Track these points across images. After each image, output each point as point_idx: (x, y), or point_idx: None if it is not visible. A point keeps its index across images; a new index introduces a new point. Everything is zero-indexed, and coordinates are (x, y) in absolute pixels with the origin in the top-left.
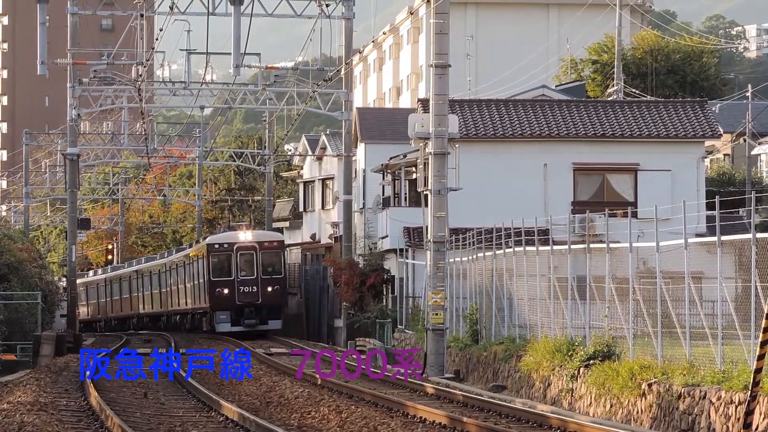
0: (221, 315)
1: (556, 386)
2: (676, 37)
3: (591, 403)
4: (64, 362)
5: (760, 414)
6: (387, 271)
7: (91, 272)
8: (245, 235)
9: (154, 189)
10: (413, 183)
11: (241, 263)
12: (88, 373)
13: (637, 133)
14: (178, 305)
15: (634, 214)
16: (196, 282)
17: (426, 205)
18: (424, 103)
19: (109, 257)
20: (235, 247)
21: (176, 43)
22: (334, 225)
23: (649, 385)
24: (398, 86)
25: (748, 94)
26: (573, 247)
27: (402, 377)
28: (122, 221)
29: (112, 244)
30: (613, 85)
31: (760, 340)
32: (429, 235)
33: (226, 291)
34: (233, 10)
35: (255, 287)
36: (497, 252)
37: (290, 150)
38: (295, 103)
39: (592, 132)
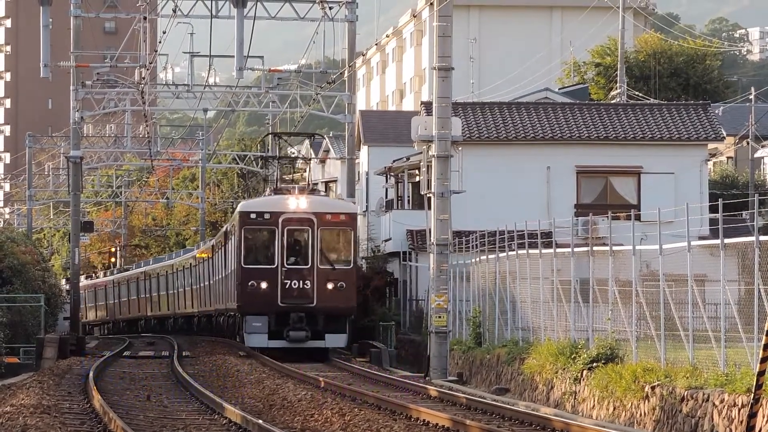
0: (254, 322)
1: (559, 389)
2: (679, 40)
3: (594, 406)
4: (67, 365)
5: (763, 417)
6: (390, 274)
7: (102, 273)
8: (297, 202)
9: (157, 192)
10: (416, 186)
11: (288, 244)
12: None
13: (640, 135)
14: (204, 305)
15: (637, 217)
16: (220, 276)
17: (429, 208)
18: (427, 105)
19: (112, 260)
20: (280, 219)
21: (179, 45)
22: None
23: (652, 388)
24: (401, 89)
25: (751, 96)
26: (576, 249)
27: (405, 380)
28: (125, 224)
29: (115, 247)
30: (616, 88)
31: (763, 342)
32: (432, 238)
33: (263, 285)
34: (236, 12)
35: (308, 282)
36: (500, 255)
37: (293, 153)
38: (298, 106)
39: (595, 135)
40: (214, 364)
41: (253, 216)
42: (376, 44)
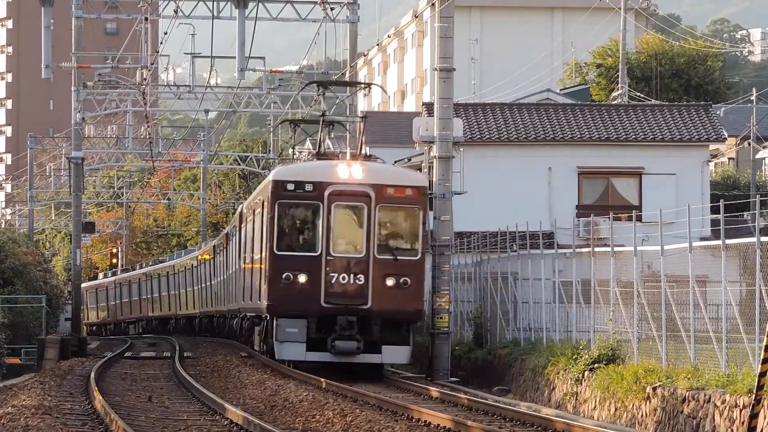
0: (289, 327)
1: (561, 390)
2: (681, 41)
3: (595, 406)
4: (68, 366)
5: (765, 417)
6: None
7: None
8: (349, 170)
9: (159, 193)
10: None
11: (336, 225)
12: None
13: (642, 136)
14: (206, 306)
15: (639, 218)
16: (234, 268)
17: (431, 209)
18: (429, 106)
19: (114, 261)
20: (327, 193)
21: (181, 46)
22: None
23: (654, 389)
24: (403, 90)
25: (753, 97)
26: (577, 250)
27: (407, 381)
28: (127, 225)
29: (117, 248)
30: (617, 89)
31: (764, 343)
32: (434, 239)
33: (302, 279)
34: (238, 13)
35: (362, 276)
36: (502, 255)
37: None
38: (299, 107)
39: (597, 136)
40: (216, 365)
41: (290, 187)
42: (378, 45)
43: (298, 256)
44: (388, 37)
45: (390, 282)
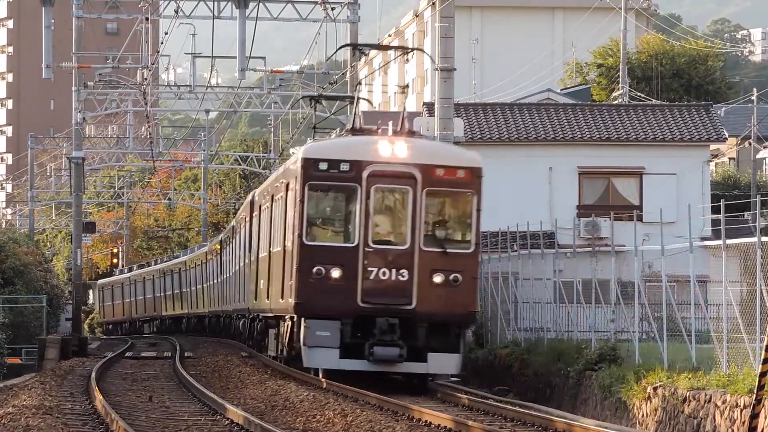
0: (320, 331)
1: (561, 390)
2: (681, 41)
3: (596, 406)
4: (69, 366)
5: (765, 418)
6: None
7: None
8: (391, 148)
9: (160, 192)
10: None
11: (376, 211)
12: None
13: (642, 136)
14: (213, 305)
15: (640, 218)
16: (250, 261)
17: None
18: (430, 106)
19: (114, 261)
20: (365, 174)
21: (181, 46)
22: None
23: (655, 389)
24: (404, 90)
25: (753, 97)
26: (578, 250)
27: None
28: (127, 225)
29: (117, 248)
30: (618, 89)
31: (765, 343)
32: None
33: (335, 274)
34: (238, 13)
35: (405, 271)
36: (503, 255)
37: (295, 153)
38: (300, 107)
39: (597, 136)
40: (216, 364)
41: (322, 166)
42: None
43: (332, 247)
44: (389, 36)
45: (438, 278)
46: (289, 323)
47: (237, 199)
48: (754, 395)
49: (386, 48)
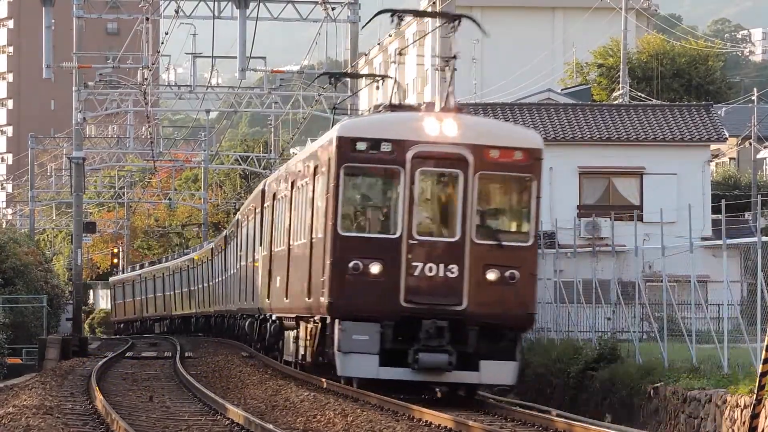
0: (357, 334)
1: (562, 389)
2: (682, 41)
3: (597, 406)
4: (69, 366)
5: (766, 417)
6: None
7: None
8: (439, 125)
9: (160, 192)
10: None
11: (422, 199)
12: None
13: (643, 136)
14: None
15: (640, 218)
16: (261, 257)
17: None
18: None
19: (115, 261)
20: (410, 155)
21: (182, 46)
22: None
23: (655, 389)
24: (404, 90)
25: (754, 97)
26: (579, 250)
27: None
28: (128, 225)
29: (118, 248)
30: (618, 89)
31: (765, 343)
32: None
33: (374, 270)
34: (239, 13)
35: (455, 267)
36: None
37: (296, 153)
38: (300, 107)
39: (598, 136)
40: (217, 365)
41: (361, 146)
42: (379, 45)
43: (371, 238)
44: (389, 36)
45: (492, 275)
46: (318, 325)
47: (237, 199)
48: (754, 395)
49: (426, 14)
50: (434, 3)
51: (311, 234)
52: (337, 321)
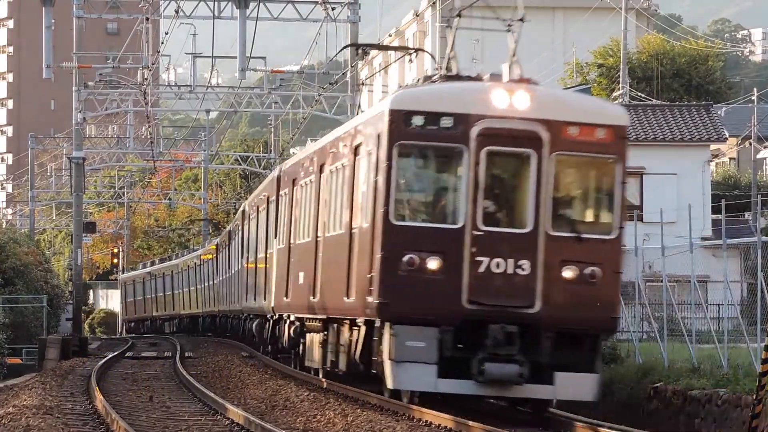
0: (412, 340)
1: None
2: (682, 41)
3: (596, 406)
4: (69, 366)
5: (766, 417)
6: None
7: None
8: (507, 97)
9: (160, 193)
10: None
11: (488, 183)
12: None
13: (643, 136)
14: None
15: (640, 218)
16: (275, 251)
17: None
18: None
19: (115, 261)
20: (474, 131)
21: (182, 46)
22: None
23: (655, 389)
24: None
25: (754, 97)
26: None
27: None
28: (128, 225)
29: (118, 248)
30: (618, 89)
31: (765, 343)
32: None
33: (432, 265)
34: (239, 13)
35: (527, 263)
36: None
37: (295, 153)
38: (300, 107)
39: None
40: (217, 365)
41: (417, 121)
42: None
43: (428, 229)
44: (389, 36)
45: (569, 273)
46: (361, 330)
47: (237, 199)
48: (755, 395)
49: (387, 48)
50: (434, 3)
51: (351, 224)
52: (388, 325)
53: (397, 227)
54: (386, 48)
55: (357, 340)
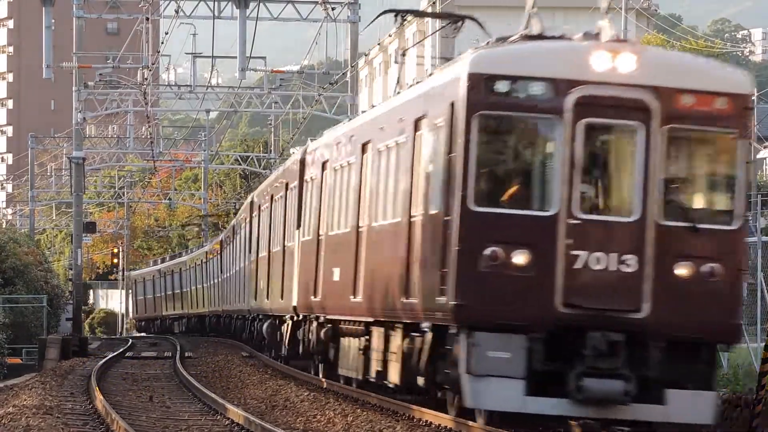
0: (494, 350)
1: None
2: (682, 41)
3: None
4: (69, 366)
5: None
6: None
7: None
8: (609, 59)
9: (160, 193)
10: None
11: (587, 162)
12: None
13: None
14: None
15: None
16: (333, 233)
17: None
18: None
19: (115, 261)
20: (570, 99)
21: (182, 46)
22: None
23: None
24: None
25: (754, 97)
26: None
27: None
28: (128, 225)
29: (118, 248)
30: None
31: (765, 343)
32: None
33: (518, 260)
34: (239, 13)
35: (632, 258)
36: None
37: (295, 153)
38: (300, 107)
39: None
40: (217, 364)
41: (501, 87)
42: (379, 45)
43: (514, 216)
44: (389, 36)
45: (684, 270)
46: (426, 336)
47: (237, 199)
48: (755, 395)
49: (429, 15)
50: (434, 3)
51: (410, 211)
52: (465, 331)
53: (477, 215)
54: (428, 15)
55: (420, 349)
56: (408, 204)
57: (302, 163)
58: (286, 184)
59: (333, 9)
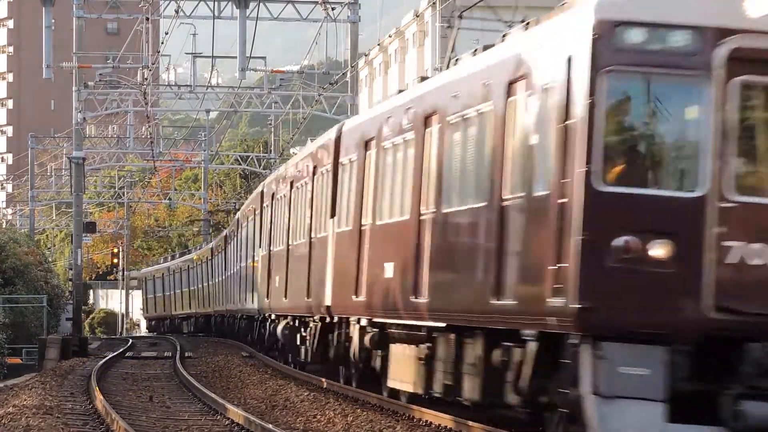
0: (628, 366)
1: None
2: None
3: None
4: (69, 366)
5: None
6: None
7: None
8: None
9: (160, 193)
10: None
11: (743, 128)
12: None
13: None
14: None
15: None
16: (381, 222)
17: None
18: None
19: (115, 261)
20: (721, 52)
21: (182, 46)
22: None
23: None
24: (404, 90)
25: None
26: None
27: None
28: (128, 225)
29: (118, 248)
30: None
31: None
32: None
33: (656, 252)
34: (239, 13)
35: None
36: None
37: (296, 153)
38: (300, 107)
39: None
40: (217, 365)
41: (635, 36)
42: (379, 45)
43: (652, 198)
44: (390, 36)
45: None
46: (530, 347)
47: (237, 199)
48: None
49: None
50: (434, 3)
51: (500, 192)
52: (590, 341)
53: (605, 196)
54: None
55: (520, 362)
56: (496, 185)
57: (337, 142)
58: (314, 169)
59: (333, 9)
